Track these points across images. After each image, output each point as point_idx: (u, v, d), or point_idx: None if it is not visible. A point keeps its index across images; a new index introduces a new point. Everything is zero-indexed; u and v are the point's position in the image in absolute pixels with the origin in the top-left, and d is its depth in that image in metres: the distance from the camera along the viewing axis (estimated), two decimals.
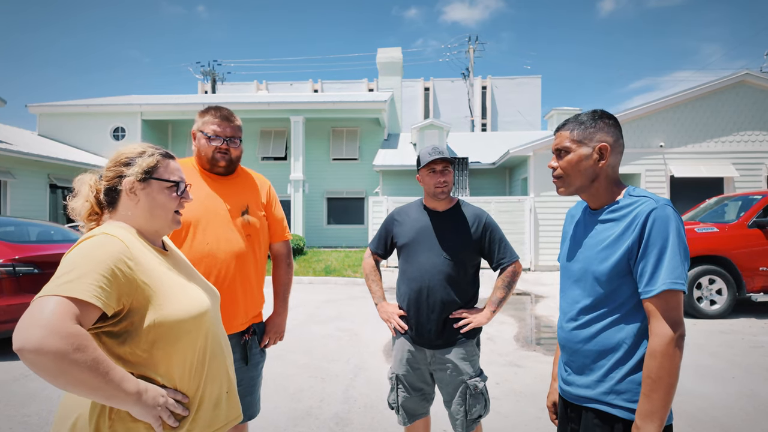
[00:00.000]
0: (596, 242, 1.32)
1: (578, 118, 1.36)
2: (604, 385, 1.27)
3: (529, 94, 32.58)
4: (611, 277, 1.26)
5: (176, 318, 1.10)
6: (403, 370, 2.10)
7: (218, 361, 1.22)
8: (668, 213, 1.21)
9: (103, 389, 0.94)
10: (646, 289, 1.20)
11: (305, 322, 6.11)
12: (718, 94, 11.19)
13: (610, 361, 1.26)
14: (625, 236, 1.24)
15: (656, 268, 1.19)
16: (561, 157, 1.36)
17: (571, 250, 1.42)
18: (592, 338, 1.30)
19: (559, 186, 1.39)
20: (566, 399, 1.41)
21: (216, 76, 33.10)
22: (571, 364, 1.37)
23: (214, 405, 1.19)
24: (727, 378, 3.93)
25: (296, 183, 15.55)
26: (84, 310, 0.95)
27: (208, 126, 1.84)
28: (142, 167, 1.19)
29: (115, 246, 1.05)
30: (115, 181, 1.18)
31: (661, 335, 1.16)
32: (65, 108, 17.20)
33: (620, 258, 1.24)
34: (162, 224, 1.23)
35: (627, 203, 1.29)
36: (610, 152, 1.32)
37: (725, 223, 6.51)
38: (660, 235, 1.19)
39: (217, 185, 1.89)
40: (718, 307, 6.19)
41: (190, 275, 1.28)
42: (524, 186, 13.30)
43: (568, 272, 1.41)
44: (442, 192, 2.07)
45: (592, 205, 1.39)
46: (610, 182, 1.34)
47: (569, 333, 1.37)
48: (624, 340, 1.25)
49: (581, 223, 1.43)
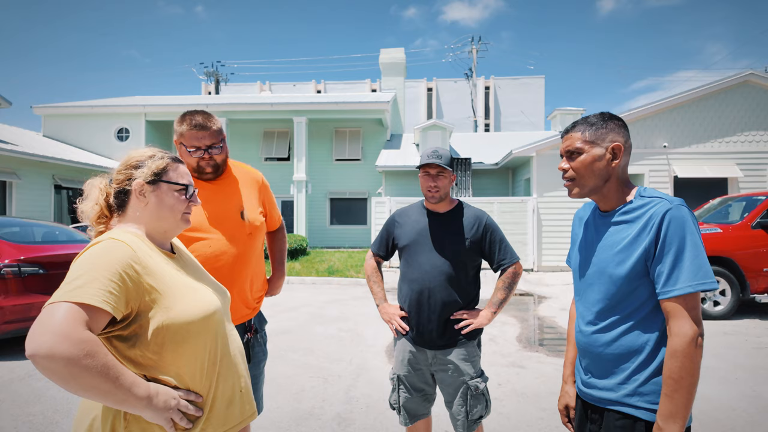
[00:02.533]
0: (611, 244, 1.31)
1: (587, 120, 1.36)
2: (627, 388, 1.28)
3: (532, 94, 32.54)
4: (629, 279, 1.26)
5: (185, 319, 1.11)
6: (405, 370, 2.11)
7: (229, 359, 1.24)
8: (683, 213, 1.21)
9: (114, 394, 0.96)
10: (664, 290, 1.20)
11: (308, 322, 6.13)
12: (723, 94, 11.14)
13: (633, 364, 1.27)
14: (641, 238, 1.25)
15: (673, 269, 1.19)
16: (573, 159, 1.36)
17: (584, 253, 1.42)
18: (613, 342, 1.30)
19: (572, 188, 1.38)
20: (586, 401, 1.41)
21: (219, 77, 33.21)
22: (592, 367, 1.37)
23: (228, 403, 1.21)
24: (730, 379, 3.92)
25: (299, 183, 15.59)
26: (94, 315, 0.97)
27: (185, 139, 1.82)
28: (151, 169, 1.21)
29: (122, 251, 1.07)
30: (125, 184, 1.20)
31: (681, 335, 1.16)
32: (70, 109, 17.31)
33: (637, 260, 1.25)
34: (171, 225, 1.24)
35: (640, 204, 1.29)
36: (623, 152, 1.33)
37: (729, 223, 6.49)
38: (676, 236, 1.20)
39: (211, 188, 1.89)
40: (721, 308, 6.17)
41: (199, 276, 1.29)
42: (527, 186, 13.28)
43: (583, 275, 1.41)
44: (433, 197, 2.08)
45: (603, 206, 1.39)
46: (620, 183, 1.35)
47: (589, 337, 1.36)
48: (646, 342, 1.25)
49: (591, 226, 1.43)
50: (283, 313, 6.64)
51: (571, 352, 1.56)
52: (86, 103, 17.99)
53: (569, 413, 1.54)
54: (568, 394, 1.53)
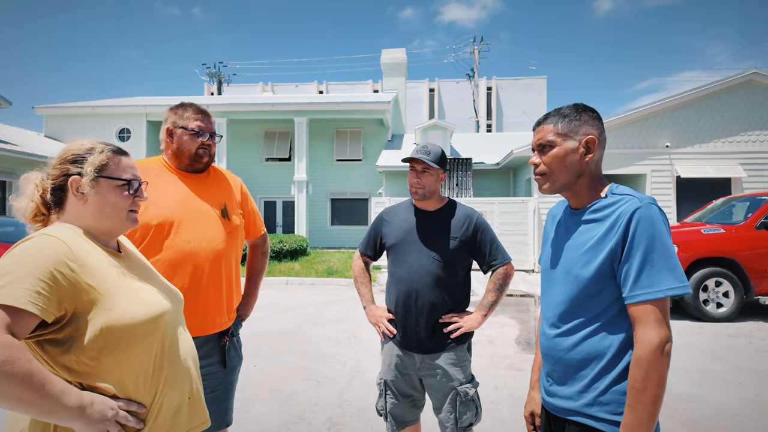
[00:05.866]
0: (578, 244, 1.24)
1: (560, 111, 1.28)
2: (586, 396, 1.19)
3: (534, 94, 32.40)
4: (594, 281, 1.18)
5: (127, 322, 1.03)
6: (392, 375, 2.03)
7: (178, 366, 1.15)
8: (652, 212, 1.13)
9: (38, 404, 0.88)
10: (631, 294, 1.12)
11: (305, 323, 6.05)
12: (726, 93, 11.02)
13: (593, 371, 1.18)
14: (608, 238, 1.17)
15: (641, 272, 1.11)
16: (544, 152, 1.28)
17: (553, 252, 1.35)
18: (575, 346, 1.22)
19: (542, 183, 1.31)
20: (549, 411, 1.33)
21: (222, 78, 33.24)
22: (553, 373, 1.30)
23: (174, 413, 1.12)
24: (733, 383, 3.83)
25: (300, 184, 15.53)
26: (17, 317, 0.89)
27: (191, 122, 1.81)
28: (93, 165, 1.11)
29: (54, 247, 0.98)
30: (61, 180, 1.11)
31: (646, 342, 1.08)
32: (71, 109, 17.34)
33: (603, 261, 1.17)
34: (114, 224, 1.15)
35: (610, 202, 1.21)
36: (597, 145, 1.25)
37: (732, 224, 6.38)
38: (644, 237, 1.12)
39: (193, 183, 1.84)
40: (724, 310, 6.07)
41: (147, 277, 1.20)
42: (528, 187, 13.18)
43: (549, 276, 1.34)
44: (416, 193, 2.00)
45: (574, 204, 1.31)
46: (593, 179, 1.27)
47: (551, 341, 1.29)
48: (608, 348, 1.17)
49: (562, 224, 1.35)
50: (280, 314, 6.57)
51: (539, 357, 1.48)
52: (88, 104, 18.00)
53: (534, 420, 1.46)
54: (534, 401, 1.46)
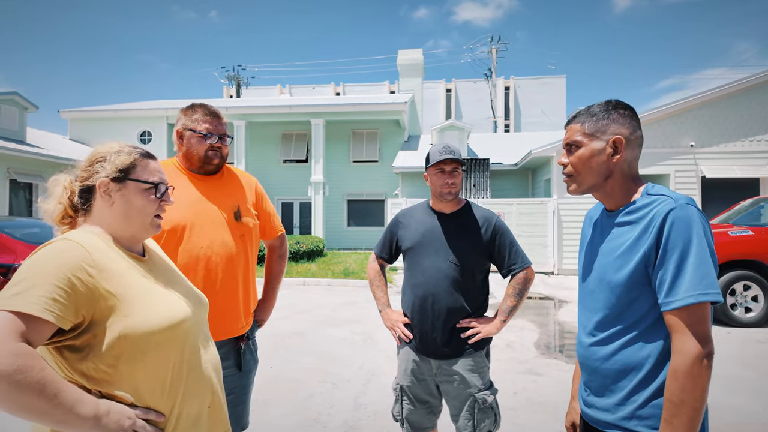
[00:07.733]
0: (612, 248, 1.19)
1: (590, 109, 1.23)
2: (624, 409, 1.14)
3: (553, 94, 31.93)
4: (628, 287, 1.13)
5: (145, 329, 1.01)
6: (408, 381, 1.99)
7: (198, 374, 1.13)
8: (689, 213, 1.07)
9: (52, 414, 0.86)
10: (666, 301, 1.06)
11: (321, 324, 6.05)
12: (753, 90, 10.66)
13: (631, 383, 1.13)
14: (641, 241, 1.11)
15: (677, 277, 1.05)
16: (571, 152, 1.24)
17: (588, 257, 1.29)
18: (611, 356, 1.17)
19: (570, 184, 1.26)
20: (587, 421, 1.29)
21: (240, 81, 33.64)
22: (590, 384, 1.25)
23: (193, 422, 1.10)
24: (762, 391, 3.68)
25: (317, 185, 15.60)
26: (32, 325, 0.87)
27: (200, 124, 1.79)
28: (116, 166, 1.11)
29: (73, 252, 0.97)
30: (89, 182, 1.11)
31: (684, 353, 1.02)
32: (95, 113, 17.78)
33: (637, 266, 1.11)
34: (138, 229, 1.14)
35: (644, 203, 1.15)
36: (625, 146, 1.19)
37: (761, 226, 6.17)
38: (680, 239, 1.05)
39: (206, 186, 1.83)
40: (753, 315, 5.87)
41: (171, 281, 1.18)
42: (547, 187, 12.99)
43: (585, 281, 1.29)
44: (449, 193, 1.94)
45: (608, 205, 1.26)
46: (626, 179, 1.21)
47: (587, 349, 1.24)
48: (647, 359, 1.11)
49: (598, 227, 1.30)
50: (297, 315, 6.59)
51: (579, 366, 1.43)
52: (110, 107, 18.43)
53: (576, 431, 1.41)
54: (575, 410, 1.41)
